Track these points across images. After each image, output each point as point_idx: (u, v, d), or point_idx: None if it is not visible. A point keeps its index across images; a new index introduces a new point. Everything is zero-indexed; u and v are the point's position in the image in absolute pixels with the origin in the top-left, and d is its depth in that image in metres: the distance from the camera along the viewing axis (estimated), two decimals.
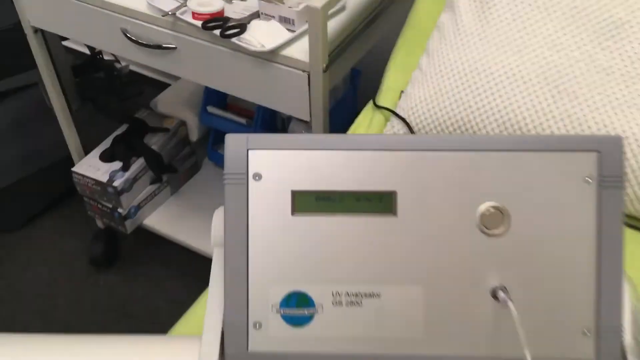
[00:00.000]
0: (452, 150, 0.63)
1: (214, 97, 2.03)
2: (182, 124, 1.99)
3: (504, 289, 0.62)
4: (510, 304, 0.64)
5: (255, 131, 1.90)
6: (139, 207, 1.95)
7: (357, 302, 0.63)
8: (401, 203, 0.63)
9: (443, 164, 0.63)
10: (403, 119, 1.21)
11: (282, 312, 0.64)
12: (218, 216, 0.69)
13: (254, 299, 0.63)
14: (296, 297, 0.64)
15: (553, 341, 0.61)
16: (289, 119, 1.80)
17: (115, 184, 1.86)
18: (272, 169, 0.63)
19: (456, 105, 1.14)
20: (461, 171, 0.63)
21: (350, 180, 0.63)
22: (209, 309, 0.71)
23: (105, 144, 1.96)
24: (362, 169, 0.63)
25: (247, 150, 0.64)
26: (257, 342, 0.62)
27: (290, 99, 1.35)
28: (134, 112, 2.13)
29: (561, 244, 0.60)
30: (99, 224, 2.08)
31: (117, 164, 1.91)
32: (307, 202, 0.63)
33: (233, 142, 0.66)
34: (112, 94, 2.19)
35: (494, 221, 0.62)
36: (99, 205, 1.96)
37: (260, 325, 0.63)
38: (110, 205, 1.94)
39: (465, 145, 0.63)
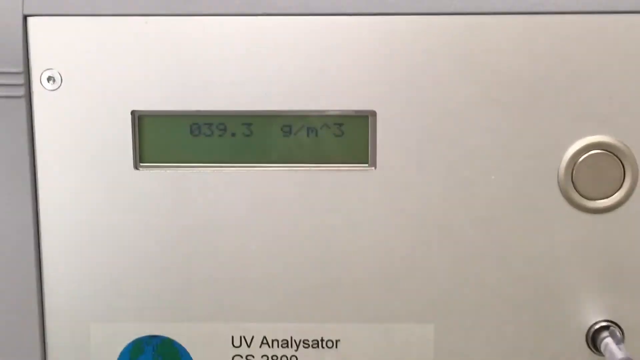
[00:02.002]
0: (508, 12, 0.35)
1: None
2: None
3: (617, 333, 0.37)
4: None
5: None
6: None
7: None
8: (384, 138, 0.36)
9: (484, 40, 0.35)
10: None
11: None
12: None
13: (56, 354, 0.38)
14: (152, 349, 0.38)
15: None
16: None
17: None
18: (87, 59, 0.36)
19: None
20: (526, 62, 0.35)
21: (267, 88, 0.36)
22: None
23: None
24: (294, 61, 0.36)
25: (25, 17, 0.36)
26: None
27: None
28: None
29: None
30: None
31: None
32: (170, 137, 0.37)
33: None
34: None
35: (603, 178, 0.36)
36: None
37: None
38: None
39: None
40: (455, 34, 0.35)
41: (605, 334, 0.37)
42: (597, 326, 0.37)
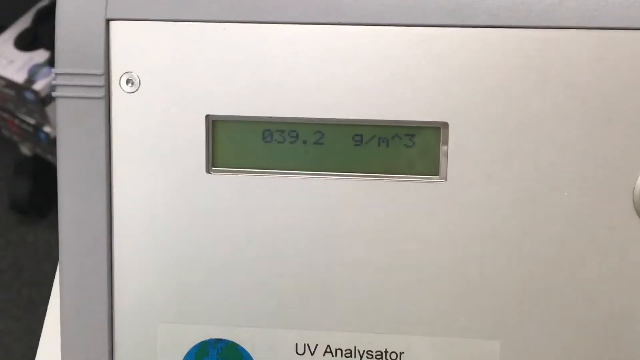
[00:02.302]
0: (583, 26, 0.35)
1: None
2: None
3: None
4: None
5: None
6: None
7: None
8: (456, 150, 0.36)
9: (562, 58, 0.36)
10: None
11: None
12: None
13: (123, 352, 0.39)
14: (217, 352, 0.39)
15: None
16: None
17: (38, 86, 1.50)
18: (164, 63, 0.38)
19: None
20: (603, 78, 0.36)
21: (340, 96, 0.37)
22: None
23: (24, 21, 1.58)
24: (367, 70, 0.37)
25: (107, 22, 0.38)
26: None
27: None
28: None
29: None
30: (24, 149, 1.73)
31: (41, 54, 1.53)
32: (242, 143, 0.38)
33: (71, 2, 0.37)
34: None
35: None
36: (16, 121, 1.63)
37: None
38: (33, 121, 1.60)
39: None
40: (530, 48, 0.35)
41: None
42: None
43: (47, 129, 1.66)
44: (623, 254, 0.36)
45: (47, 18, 1.67)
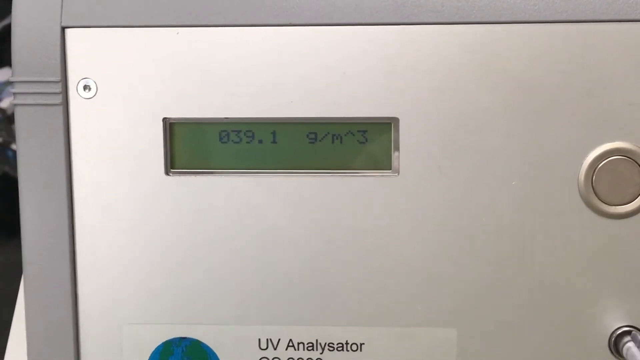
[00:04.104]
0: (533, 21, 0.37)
1: None
2: None
3: (639, 337, 0.38)
4: None
5: None
6: None
7: None
8: (407, 144, 0.38)
9: (506, 50, 0.38)
10: None
11: None
12: None
13: (89, 355, 0.41)
14: (182, 350, 0.41)
15: None
16: None
17: (4, 104, 1.50)
18: (121, 69, 0.39)
19: None
20: (545, 69, 0.38)
21: (293, 96, 0.39)
22: None
23: None
24: (319, 70, 0.38)
25: (63, 29, 0.39)
26: None
27: None
28: None
29: None
30: None
31: (6, 73, 1.53)
32: (199, 144, 0.40)
33: (28, 9, 0.40)
34: None
35: (623, 184, 0.38)
36: None
37: None
38: (0, 140, 1.60)
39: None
40: (475, 43, 0.37)
41: (627, 338, 0.38)
42: (619, 331, 0.38)
43: (15, 146, 1.64)
44: (571, 240, 0.38)
45: (10, 36, 1.65)
